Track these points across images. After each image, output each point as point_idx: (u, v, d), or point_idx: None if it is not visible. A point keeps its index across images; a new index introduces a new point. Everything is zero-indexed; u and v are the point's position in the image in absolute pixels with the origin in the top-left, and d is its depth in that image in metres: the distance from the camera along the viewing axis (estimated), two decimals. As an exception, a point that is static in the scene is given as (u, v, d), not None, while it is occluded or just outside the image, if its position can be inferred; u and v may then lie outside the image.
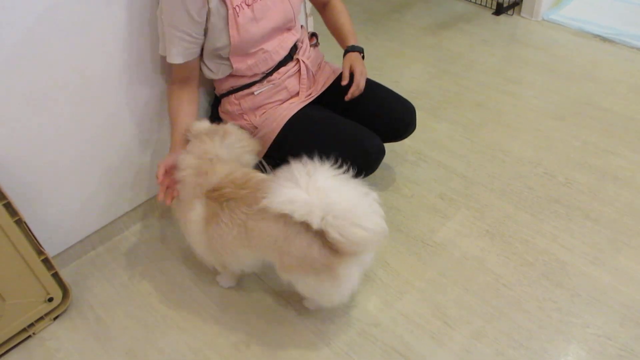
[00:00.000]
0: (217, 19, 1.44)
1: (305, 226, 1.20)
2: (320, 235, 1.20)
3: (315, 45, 1.80)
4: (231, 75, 1.61)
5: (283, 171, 1.23)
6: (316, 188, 1.17)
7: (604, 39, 2.71)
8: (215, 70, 1.60)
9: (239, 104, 1.66)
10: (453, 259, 1.68)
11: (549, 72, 2.51)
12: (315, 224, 1.16)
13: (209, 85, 1.81)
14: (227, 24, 1.45)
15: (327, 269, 1.24)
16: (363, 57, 1.74)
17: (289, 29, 1.64)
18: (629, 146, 2.05)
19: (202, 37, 1.49)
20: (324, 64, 1.80)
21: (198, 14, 1.41)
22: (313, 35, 1.82)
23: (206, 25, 1.46)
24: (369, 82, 1.77)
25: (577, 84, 2.42)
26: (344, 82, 1.65)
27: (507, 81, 2.48)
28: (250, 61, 1.58)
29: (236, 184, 1.33)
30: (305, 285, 1.36)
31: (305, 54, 1.70)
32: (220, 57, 1.56)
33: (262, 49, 1.58)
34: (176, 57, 1.49)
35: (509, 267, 1.64)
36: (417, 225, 1.80)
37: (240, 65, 1.57)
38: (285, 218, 1.22)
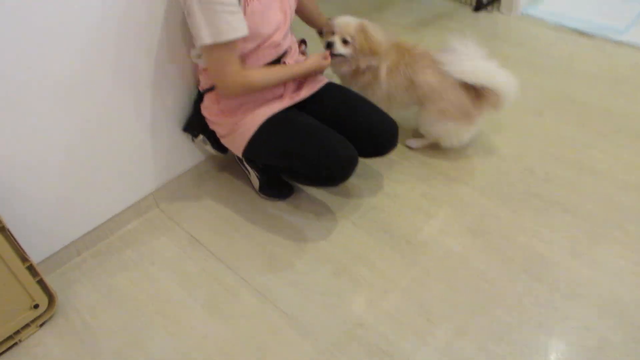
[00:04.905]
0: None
1: (459, 83, 1.84)
2: (468, 91, 1.85)
3: (304, 52, 1.82)
4: None
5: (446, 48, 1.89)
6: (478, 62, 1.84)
7: (581, 33, 2.75)
8: None
9: (222, 101, 1.67)
10: (436, 256, 1.71)
11: (528, 67, 2.54)
12: (482, 83, 1.82)
13: (191, 80, 1.82)
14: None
15: (469, 117, 1.88)
16: None
17: (284, 33, 1.65)
18: (606, 139, 2.09)
19: None
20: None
21: None
22: (302, 42, 1.83)
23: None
24: (355, 96, 1.80)
25: (556, 78, 2.45)
26: None
27: (488, 77, 2.50)
28: (244, 52, 1.58)
29: (409, 47, 1.92)
30: (444, 128, 1.94)
31: (293, 58, 1.72)
32: None
33: (259, 45, 1.58)
34: (241, 30, 1.45)
35: (490, 263, 1.67)
36: (400, 224, 1.83)
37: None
38: (443, 75, 1.85)
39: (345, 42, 1.84)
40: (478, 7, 3.00)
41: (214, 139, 1.85)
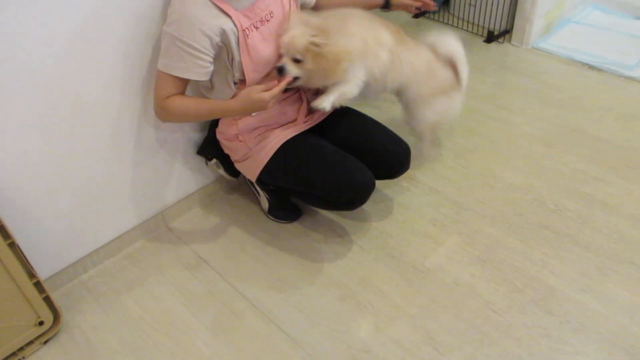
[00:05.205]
0: (232, 38, 1.47)
1: (444, 64, 1.89)
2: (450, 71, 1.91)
3: None
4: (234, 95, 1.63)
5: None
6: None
7: (592, 67, 2.77)
8: (229, 91, 1.60)
9: (236, 124, 1.68)
10: (444, 284, 1.70)
11: (538, 99, 2.56)
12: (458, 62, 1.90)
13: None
14: (239, 44, 1.48)
15: (455, 87, 1.93)
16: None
17: None
18: (617, 173, 2.08)
19: (213, 57, 1.49)
20: None
21: (214, 33, 1.43)
22: None
23: (221, 44, 1.48)
24: (367, 119, 1.81)
25: (566, 111, 2.46)
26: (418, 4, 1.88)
27: (498, 107, 2.52)
28: (256, 82, 1.59)
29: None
30: (439, 105, 1.94)
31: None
32: (233, 76, 1.57)
33: (269, 73, 1.60)
34: (194, 74, 1.48)
35: (499, 293, 1.65)
36: (408, 250, 1.82)
37: (250, 82, 1.57)
38: (434, 57, 1.88)
39: (297, 60, 1.56)
40: (489, 39, 3.03)
41: (227, 163, 1.87)
